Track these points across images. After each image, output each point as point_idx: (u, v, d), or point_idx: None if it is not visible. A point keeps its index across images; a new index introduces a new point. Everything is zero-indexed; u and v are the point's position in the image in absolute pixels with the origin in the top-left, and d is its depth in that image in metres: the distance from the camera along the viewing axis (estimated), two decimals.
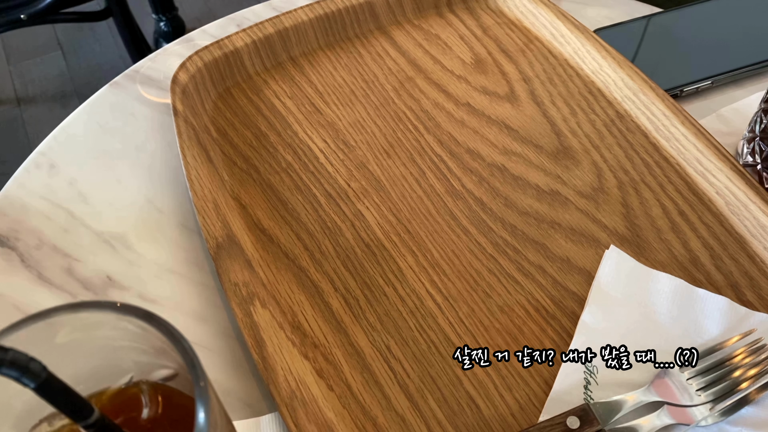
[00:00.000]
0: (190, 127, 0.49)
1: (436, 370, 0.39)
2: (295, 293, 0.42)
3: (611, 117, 0.51)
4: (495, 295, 0.42)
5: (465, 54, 0.57)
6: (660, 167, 0.48)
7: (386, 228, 0.45)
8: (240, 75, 0.55)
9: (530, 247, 0.44)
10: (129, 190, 0.49)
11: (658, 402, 0.36)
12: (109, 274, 0.45)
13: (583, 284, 0.42)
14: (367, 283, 0.43)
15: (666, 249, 0.44)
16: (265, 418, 0.38)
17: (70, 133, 0.54)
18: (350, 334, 0.40)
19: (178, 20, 1.56)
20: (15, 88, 1.57)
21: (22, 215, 0.48)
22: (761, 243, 0.43)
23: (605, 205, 0.46)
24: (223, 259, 0.42)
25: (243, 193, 0.47)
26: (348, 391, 0.38)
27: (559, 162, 0.49)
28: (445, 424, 0.37)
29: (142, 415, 0.25)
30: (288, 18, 0.56)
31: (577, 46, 0.55)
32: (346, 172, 0.49)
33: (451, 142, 0.50)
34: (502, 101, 0.53)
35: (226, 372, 0.40)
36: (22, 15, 1.33)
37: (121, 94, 0.56)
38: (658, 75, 0.53)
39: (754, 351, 0.38)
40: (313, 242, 0.45)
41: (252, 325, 0.39)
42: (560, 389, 0.37)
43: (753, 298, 0.42)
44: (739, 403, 0.36)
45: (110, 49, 1.64)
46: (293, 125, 0.52)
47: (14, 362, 0.20)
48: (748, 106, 0.53)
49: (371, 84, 0.55)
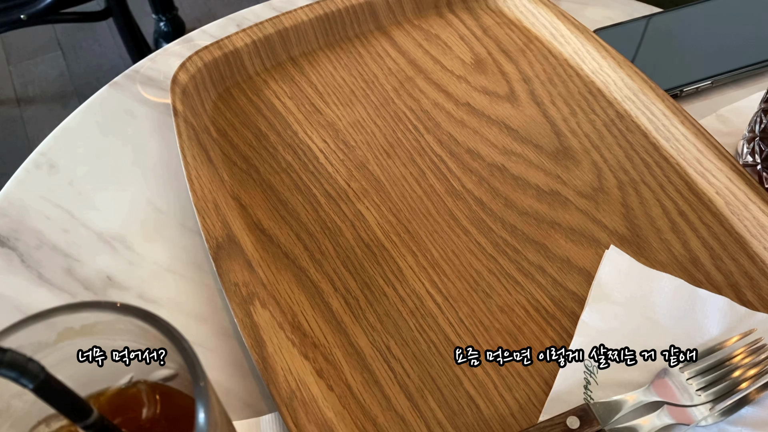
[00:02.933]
0: (190, 127, 0.49)
1: (436, 370, 0.39)
2: (295, 293, 0.42)
3: (611, 117, 0.51)
4: (495, 295, 0.42)
5: (465, 54, 0.57)
6: (660, 167, 0.48)
7: (386, 228, 0.45)
8: (240, 75, 0.55)
9: (530, 247, 0.44)
10: (129, 190, 0.49)
11: (658, 402, 0.36)
12: (109, 274, 0.45)
13: (583, 284, 0.42)
14: (367, 283, 0.43)
15: (666, 249, 0.44)
16: (265, 418, 0.38)
17: (70, 133, 0.54)
18: (350, 334, 0.40)
19: (178, 20, 1.56)
20: (15, 88, 1.57)
21: (22, 215, 0.48)
22: (761, 243, 0.43)
23: (605, 205, 0.46)
24: (223, 259, 0.42)
25: (243, 193, 0.47)
26: (348, 391, 0.38)
27: (559, 162, 0.49)
28: (445, 424, 0.37)
29: (142, 416, 0.25)
30: (288, 18, 0.56)
31: (577, 46, 0.55)
32: (346, 172, 0.49)
33: (451, 142, 0.50)
34: (502, 101, 0.53)
35: (226, 372, 0.40)
36: (22, 15, 1.33)
37: (121, 95, 0.56)
38: (658, 75, 0.53)
39: (754, 351, 0.38)
40: (313, 242, 0.45)
41: (252, 325, 0.39)
42: (560, 389, 0.37)
43: (753, 298, 0.42)
44: (739, 403, 0.36)
45: (110, 49, 1.64)
46: (293, 125, 0.52)
47: (12, 363, 0.20)
48: (748, 106, 0.53)
49: (371, 84, 0.55)
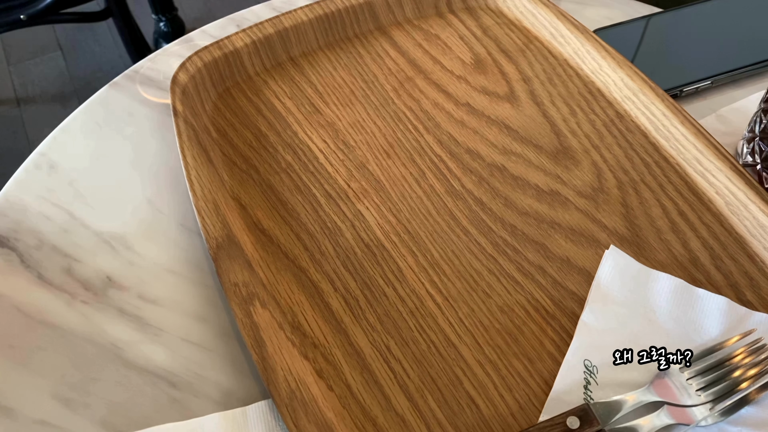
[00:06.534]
0: (190, 127, 0.49)
1: (436, 370, 0.39)
2: (295, 293, 0.42)
3: (611, 117, 0.51)
4: (495, 295, 0.42)
5: (465, 54, 0.57)
6: (660, 167, 0.48)
7: (386, 228, 0.45)
8: (240, 75, 0.55)
9: (530, 247, 0.44)
10: (129, 190, 0.49)
11: (658, 402, 0.36)
12: (109, 274, 0.45)
13: (583, 284, 0.42)
14: (367, 283, 0.43)
15: (666, 249, 0.44)
16: (251, 408, 0.38)
17: (70, 133, 0.54)
18: (350, 334, 0.40)
19: (178, 20, 1.56)
20: (15, 88, 1.57)
21: (22, 215, 0.48)
22: (761, 243, 0.43)
23: (605, 205, 0.46)
24: (223, 260, 0.42)
25: (243, 193, 0.47)
26: (348, 391, 0.38)
27: (558, 162, 0.49)
28: (445, 424, 0.37)
29: None
30: (288, 18, 0.56)
31: (577, 46, 0.55)
32: (346, 172, 0.49)
33: (451, 142, 0.50)
34: (501, 101, 0.53)
35: (226, 372, 0.40)
36: (22, 15, 1.33)
37: (121, 95, 0.56)
38: (658, 75, 0.53)
39: (753, 351, 0.38)
40: (313, 242, 0.45)
41: (252, 325, 0.39)
42: (560, 389, 0.37)
43: (753, 298, 0.42)
44: (739, 403, 0.36)
45: (110, 49, 1.64)
46: (293, 125, 0.52)
47: None
48: (748, 106, 0.53)
49: (371, 84, 0.55)
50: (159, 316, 0.43)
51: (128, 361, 0.41)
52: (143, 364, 0.41)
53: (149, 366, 0.40)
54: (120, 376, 0.40)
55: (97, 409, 0.39)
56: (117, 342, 0.41)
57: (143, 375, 0.40)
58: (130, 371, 0.40)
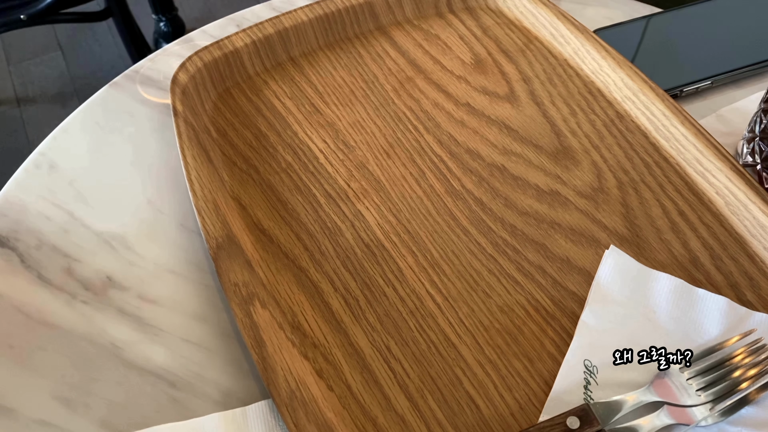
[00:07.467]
0: (190, 127, 0.49)
1: (436, 370, 0.39)
2: (295, 293, 0.42)
3: (611, 117, 0.51)
4: (495, 295, 0.42)
5: (465, 54, 0.57)
6: (660, 167, 0.48)
7: (386, 228, 0.45)
8: (240, 75, 0.55)
9: (530, 247, 0.44)
10: (129, 190, 0.49)
11: (658, 402, 0.36)
12: (109, 274, 0.45)
13: (583, 284, 0.42)
14: (367, 283, 0.43)
15: (666, 249, 0.44)
16: (251, 408, 0.38)
17: (70, 133, 0.54)
18: (350, 334, 0.40)
19: (178, 20, 1.55)
20: (15, 89, 1.57)
21: (22, 215, 0.48)
22: (761, 243, 0.43)
23: (605, 205, 0.46)
24: (223, 260, 0.42)
25: (243, 193, 0.47)
26: (348, 391, 0.38)
27: (559, 162, 0.49)
28: (445, 424, 0.37)
29: None
30: (288, 18, 0.56)
31: (577, 47, 0.55)
32: (346, 172, 0.49)
33: (451, 142, 0.50)
34: (501, 101, 0.53)
35: (226, 372, 0.40)
36: (22, 15, 1.33)
37: (121, 95, 0.56)
38: (658, 75, 0.53)
39: (754, 351, 0.38)
40: (313, 242, 0.45)
41: (252, 325, 0.39)
42: (560, 389, 0.37)
43: (753, 298, 0.42)
44: (739, 403, 0.36)
45: (110, 49, 1.64)
46: (293, 125, 0.52)
47: None
48: (748, 107, 0.53)
49: (371, 84, 0.55)
50: (159, 316, 0.43)
51: (128, 361, 0.41)
52: (143, 364, 0.41)
53: (149, 366, 0.40)
54: (120, 376, 0.40)
55: (97, 409, 0.39)
56: (117, 342, 0.41)
57: (143, 375, 0.40)
58: (130, 371, 0.40)
